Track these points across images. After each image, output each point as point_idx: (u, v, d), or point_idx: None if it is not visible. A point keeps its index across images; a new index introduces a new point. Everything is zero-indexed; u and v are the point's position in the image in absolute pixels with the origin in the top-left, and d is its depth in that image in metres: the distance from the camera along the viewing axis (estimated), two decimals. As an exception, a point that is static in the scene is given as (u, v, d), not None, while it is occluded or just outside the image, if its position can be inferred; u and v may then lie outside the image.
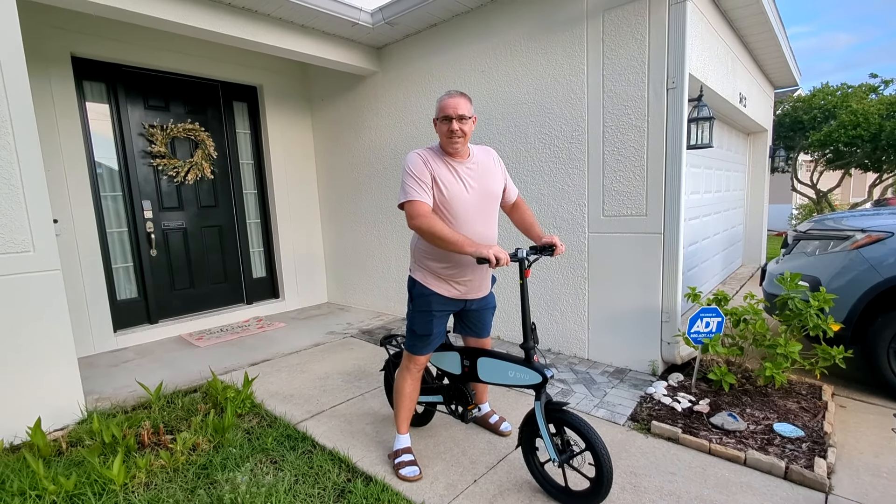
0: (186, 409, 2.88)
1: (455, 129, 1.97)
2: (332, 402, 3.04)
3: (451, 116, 1.97)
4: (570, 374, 3.35)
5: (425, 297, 2.13)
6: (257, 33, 3.90)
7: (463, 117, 1.98)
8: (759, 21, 4.30)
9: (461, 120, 1.97)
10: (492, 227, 2.15)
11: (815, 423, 2.51)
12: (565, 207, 3.62)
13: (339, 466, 2.26)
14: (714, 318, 2.86)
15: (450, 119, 1.97)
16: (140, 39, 4.27)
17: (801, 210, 11.09)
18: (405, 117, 4.67)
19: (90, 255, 4.11)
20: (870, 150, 7.99)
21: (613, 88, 3.24)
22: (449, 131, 1.98)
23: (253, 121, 5.36)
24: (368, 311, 5.44)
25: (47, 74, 3.80)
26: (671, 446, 2.39)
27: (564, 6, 3.40)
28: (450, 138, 2.00)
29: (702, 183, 4.88)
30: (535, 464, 2.08)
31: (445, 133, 2.00)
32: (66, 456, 2.41)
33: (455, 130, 1.97)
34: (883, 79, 8.59)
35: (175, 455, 2.31)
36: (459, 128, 1.97)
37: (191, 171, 4.80)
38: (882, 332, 2.81)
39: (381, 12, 4.11)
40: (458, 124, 1.97)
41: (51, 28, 3.80)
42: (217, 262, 5.15)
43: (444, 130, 2.00)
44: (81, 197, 4.05)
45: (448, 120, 1.98)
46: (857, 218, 3.27)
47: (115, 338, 4.29)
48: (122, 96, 4.36)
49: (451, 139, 2.00)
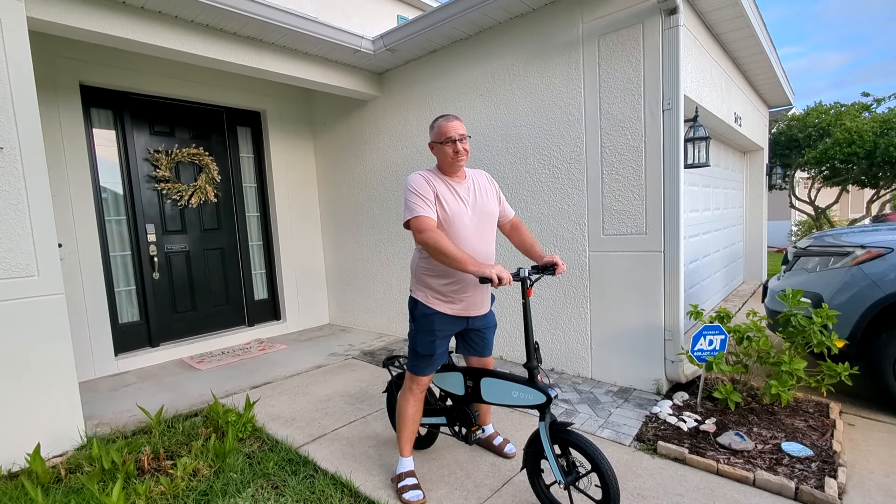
0: (187, 434, 2.85)
1: (460, 150, 2.09)
2: (334, 424, 3.01)
3: (454, 138, 2.09)
4: (574, 394, 3.32)
5: (427, 316, 2.14)
6: (262, 61, 4.00)
7: (464, 137, 2.11)
8: (751, 43, 4.40)
9: (462, 140, 2.10)
10: (490, 246, 2.22)
11: (823, 441, 2.47)
12: (565, 227, 3.64)
13: (342, 491, 2.23)
14: (717, 336, 2.85)
15: (454, 140, 2.08)
16: (147, 68, 4.38)
17: (801, 226, 11.13)
18: (406, 140, 4.75)
19: (93, 278, 4.13)
20: (866, 167, 8.06)
21: (610, 110, 3.31)
22: (454, 152, 2.10)
23: (256, 145, 5.45)
24: (370, 332, 5.42)
25: (56, 102, 3.89)
26: (678, 467, 2.35)
27: (561, 31, 3.49)
28: (456, 158, 2.11)
29: (700, 201, 4.92)
30: (541, 486, 2.05)
31: (451, 154, 2.10)
32: (64, 483, 2.38)
33: (460, 151, 2.10)
34: (875, 97, 8.73)
35: (175, 481, 2.28)
36: (463, 147, 2.10)
37: (194, 195, 4.86)
38: (887, 347, 2.80)
39: (382, 39, 4.23)
40: (461, 144, 2.10)
41: (60, 58, 3.91)
42: (219, 285, 5.16)
43: (450, 152, 2.10)
44: (86, 221, 4.09)
45: (452, 142, 2.09)
46: (857, 234, 3.28)
47: (115, 361, 4.27)
48: (128, 122, 4.45)
49: (457, 159, 2.11)
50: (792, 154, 8.92)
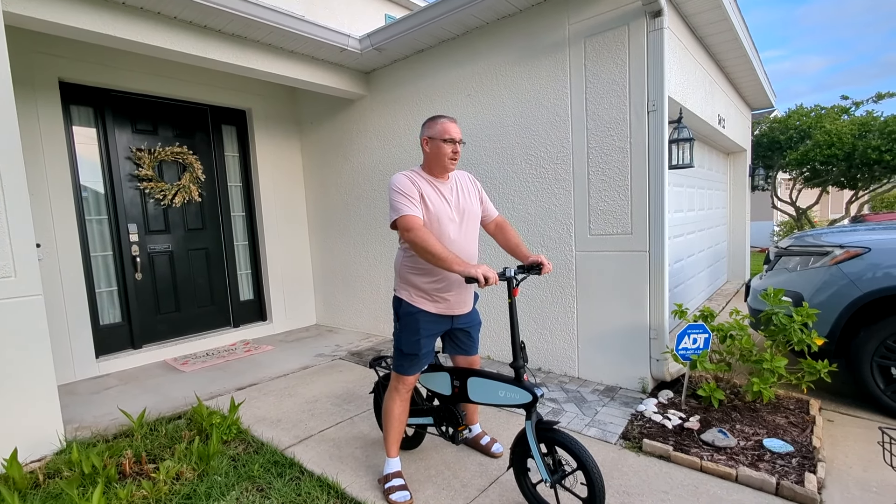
0: (170, 437, 2.80)
1: (457, 151, 2.14)
2: (320, 426, 2.99)
3: (456, 139, 2.13)
4: (561, 393, 3.34)
5: (412, 315, 2.14)
6: (248, 59, 3.95)
7: (461, 141, 2.16)
8: (734, 46, 4.48)
9: (460, 143, 2.16)
10: (473, 246, 2.24)
11: (803, 437, 2.52)
12: (552, 227, 3.66)
13: (328, 493, 2.21)
14: (701, 335, 2.89)
15: (455, 141, 2.13)
16: (129, 64, 4.30)
17: (782, 227, 11.35)
18: (393, 140, 4.73)
19: (73, 279, 4.04)
20: (845, 169, 8.25)
21: (596, 111, 3.33)
22: (453, 152, 2.13)
23: (242, 144, 5.39)
24: (357, 333, 5.39)
25: (34, 98, 3.80)
26: (663, 464, 2.38)
27: (547, 33, 3.51)
28: (453, 159, 2.14)
29: (685, 201, 4.98)
30: (527, 485, 2.06)
31: (448, 154, 2.13)
32: (43, 488, 2.32)
33: (458, 152, 2.14)
34: (854, 100, 8.95)
35: (158, 485, 2.24)
36: (458, 150, 2.15)
37: (178, 194, 4.78)
38: (864, 345, 2.86)
39: (369, 38, 4.21)
40: (458, 146, 2.15)
41: (38, 53, 3.82)
42: (204, 285, 5.08)
43: (448, 152, 2.13)
44: (65, 220, 4.00)
45: (454, 142, 2.13)
46: (836, 234, 3.36)
47: (97, 364, 4.19)
48: (109, 120, 4.36)
49: (453, 160, 2.15)
50: (774, 155, 9.10)
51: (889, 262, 2.80)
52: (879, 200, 13.73)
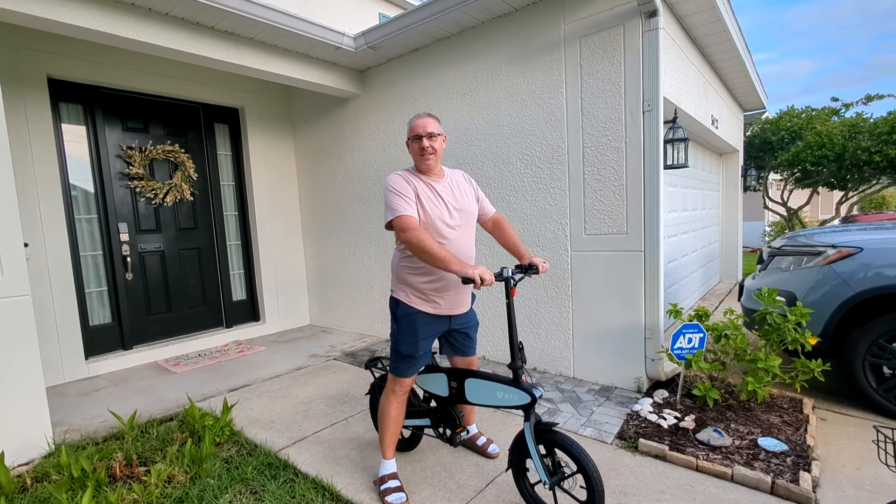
0: (162, 439, 2.76)
1: (426, 146, 2.09)
2: (314, 427, 2.96)
3: (420, 135, 2.09)
4: (557, 393, 3.34)
5: (409, 316, 2.12)
6: (241, 56, 3.91)
7: (432, 135, 2.10)
8: (727, 47, 4.50)
9: (430, 137, 2.10)
10: (470, 245, 2.22)
11: (797, 436, 2.54)
12: (548, 226, 3.66)
13: (323, 495, 2.19)
14: (696, 334, 2.90)
15: (420, 137, 2.09)
16: (119, 61, 4.23)
17: (774, 227, 11.46)
18: (388, 139, 4.71)
19: (62, 279, 3.97)
20: (835, 170, 8.35)
21: (592, 111, 3.33)
22: (420, 148, 2.10)
23: (234, 142, 5.33)
24: (352, 333, 5.36)
25: (21, 95, 3.73)
26: (659, 464, 2.38)
27: (543, 32, 3.51)
28: (422, 155, 2.11)
29: (679, 202, 5.00)
30: (526, 486, 2.05)
31: (418, 151, 2.11)
32: (30, 492, 2.27)
33: (426, 147, 2.09)
34: (844, 102, 9.06)
35: (149, 488, 2.20)
36: (430, 145, 2.09)
37: (170, 193, 4.72)
38: (857, 344, 2.88)
39: (363, 37, 4.18)
40: (429, 141, 2.09)
41: (26, 49, 3.75)
42: (196, 285, 5.03)
43: (417, 148, 2.11)
44: (54, 220, 3.93)
45: (419, 138, 2.09)
46: (828, 234, 3.38)
47: (86, 365, 4.12)
48: (99, 118, 4.30)
49: (423, 156, 2.11)
50: (765, 156, 9.19)
51: (881, 261, 2.82)
52: (868, 201, 13.92)
